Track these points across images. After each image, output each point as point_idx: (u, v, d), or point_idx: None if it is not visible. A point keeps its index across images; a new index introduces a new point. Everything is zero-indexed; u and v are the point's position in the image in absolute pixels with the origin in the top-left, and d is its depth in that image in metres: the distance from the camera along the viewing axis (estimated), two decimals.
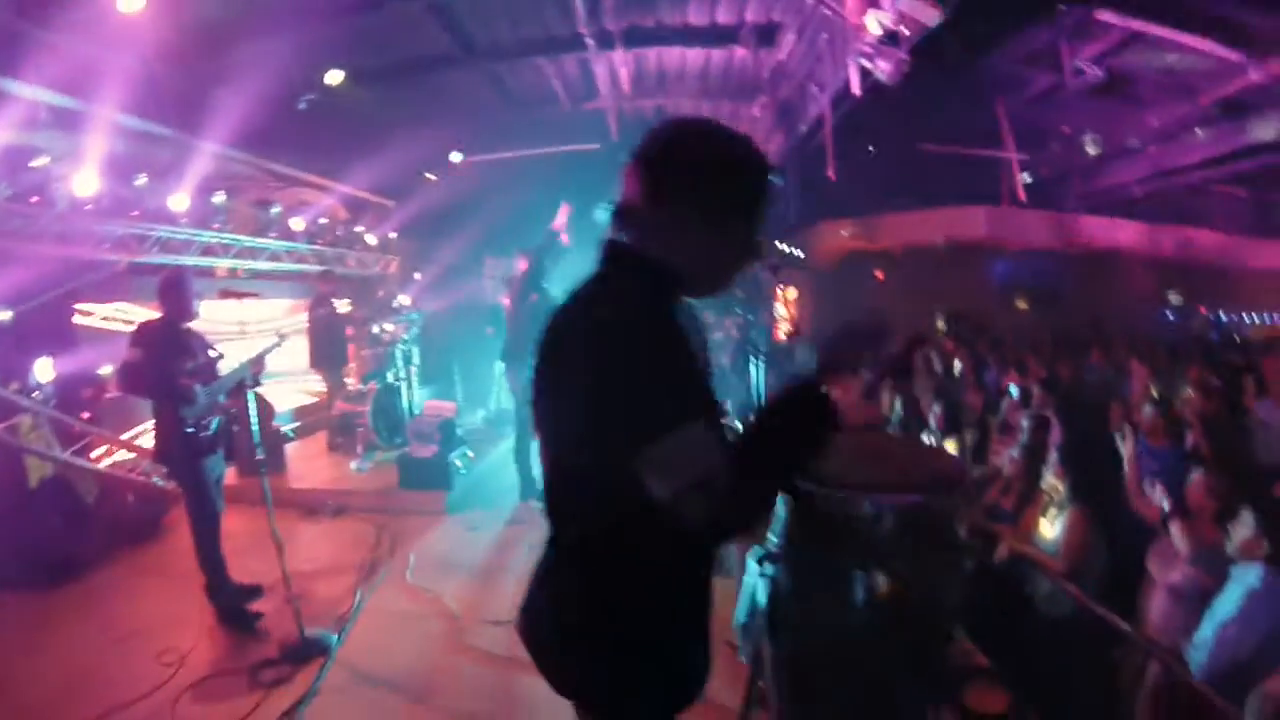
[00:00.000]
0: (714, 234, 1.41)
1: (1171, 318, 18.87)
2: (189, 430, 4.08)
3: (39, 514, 5.28)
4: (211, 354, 4.41)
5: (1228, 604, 2.94)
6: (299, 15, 7.02)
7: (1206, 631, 2.95)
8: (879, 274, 16.84)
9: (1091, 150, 12.31)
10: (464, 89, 9.79)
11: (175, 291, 4.22)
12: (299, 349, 8.34)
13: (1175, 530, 3.42)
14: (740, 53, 9.00)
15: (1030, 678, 3.35)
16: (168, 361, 4.03)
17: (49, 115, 5.93)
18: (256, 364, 4.33)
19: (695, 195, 1.37)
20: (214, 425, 4.26)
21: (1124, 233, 15.93)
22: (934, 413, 5.80)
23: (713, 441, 1.25)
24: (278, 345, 4.67)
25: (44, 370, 5.77)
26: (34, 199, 5.76)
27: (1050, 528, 4.04)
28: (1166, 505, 3.49)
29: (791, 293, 17.51)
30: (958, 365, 8.82)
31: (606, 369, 1.27)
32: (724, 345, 7.99)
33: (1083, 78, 7.84)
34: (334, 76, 7.95)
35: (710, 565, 1.56)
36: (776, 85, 9.56)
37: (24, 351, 5.75)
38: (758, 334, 6.58)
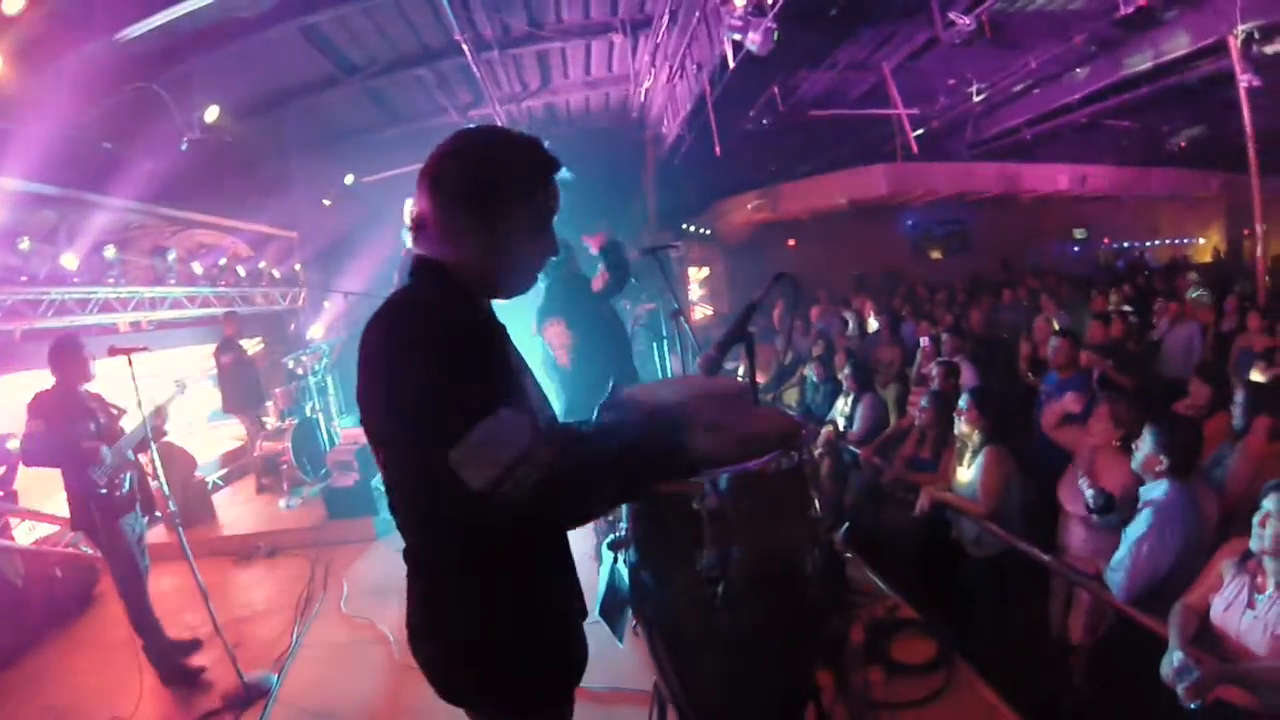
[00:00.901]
0: (499, 233, 1.45)
1: (1077, 252, 19.70)
2: (101, 492, 3.97)
3: None
4: (113, 412, 4.29)
5: (1140, 523, 3.03)
6: (168, 52, 6.79)
7: (1123, 552, 3.04)
8: (790, 242, 17.16)
9: (977, 99, 12.67)
10: (348, 109, 9.64)
11: (66, 355, 4.09)
12: (215, 395, 8.13)
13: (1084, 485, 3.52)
14: (618, 39, 9.03)
15: (961, 622, 3.46)
16: (68, 427, 3.92)
17: None
18: (159, 415, 4.26)
19: (472, 198, 1.42)
20: (126, 483, 4.14)
21: (1021, 175, 16.45)
22: (844, 373, 5.92)
23: (522, 424, 1.28)
24: (179, 394, 4.59)
25: None
26: None
27: (966, 472, 4.15)
28: (1089, 496, 3.50)
29: (704, 271, 17.74)
30: (874, 323, 9.04)
31: (405, 375, 1.30)
32: (635, 333, 8.08)
33: (954, 29, 8.03)
34: (211, 113, 7.71)
35: (559, 553, 1.59)
36: (658, 67, 9.61)
37: None
38: (660, 319, 6.68)
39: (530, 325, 4.41)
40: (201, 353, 8.84)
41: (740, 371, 5.14)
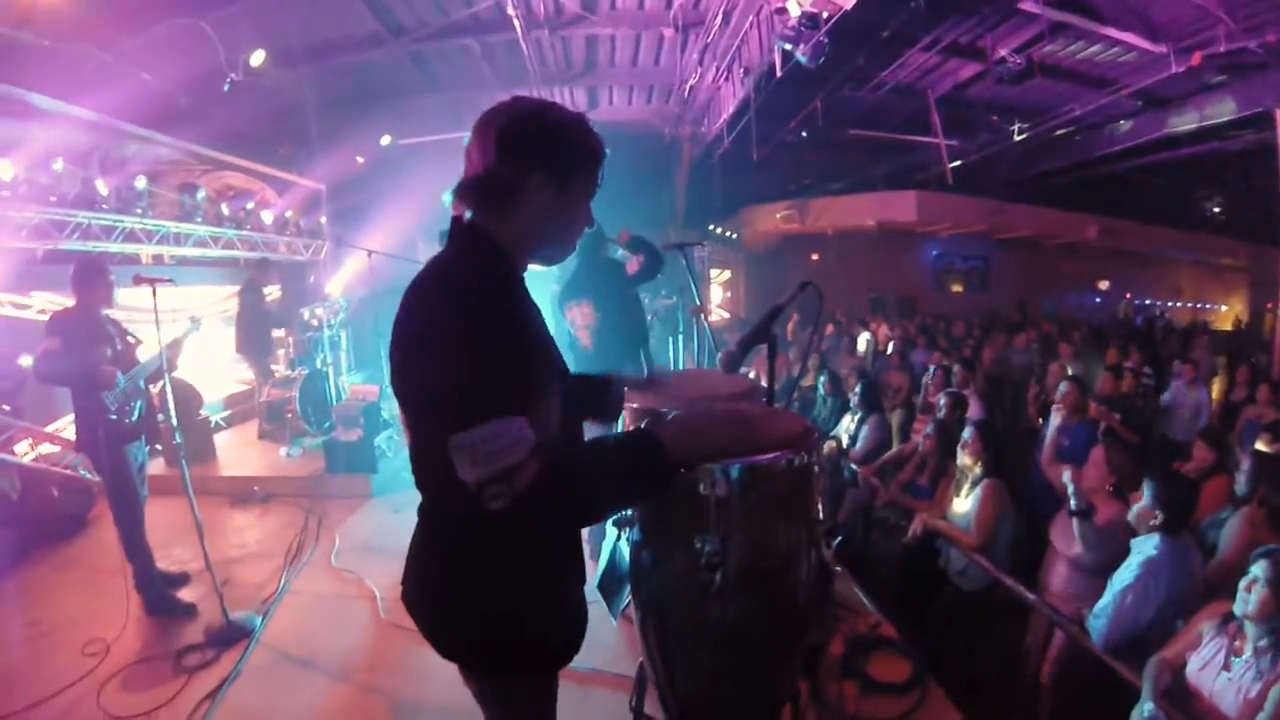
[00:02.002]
0: (554, 200, 1.48)
1: (1097, 303, 19.66)
2: (111, 417, 4.02)
3: None
4: (130, 340, 4.32)
5: (1127, 573, 3.06)
6: None
7: (1106, 599, 3.07)
8: (814, 256, 17.17)
9: (1018, 137, 12.67)
10: (391, 71, 9.68)
11: (91, 277, 4.11)
12: (227, 337, 8.16)
13: (1075, 525, 3.56)
14: (669, 34, 9.04)
15: (941, 648, 3.50)
16: (86, 348, 3.95)
17: None
18: (174, 349, 4.29)
19: (537, 163, 1.44)
20: (135, 412, 4.19)
21: (1052, 219, 16.41)
22: (854, 392, 5.98)
23: (523, 437, 1.27)
24: (194, 330, 4.60)
25: None
26: None
27: (962, 503, 4.19)
28: (1074, 502, 3.58)
29: (724, 274, 17.77)
30: (889, 346, 9.07)
31: (434, 350, 1.32)
32: (651, 326, 8.14)
33: (1005, 65, 8.06)
34: (257, 58, 7.76)
35: (559, 548, 1.61)
36: (704, 67, 9.62)
37: None
38: (677, 314, 6.71)
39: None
40: (218, 293, 8.92)
41: (751, 374, 5.20)
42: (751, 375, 4.66)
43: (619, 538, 1.94)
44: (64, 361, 3.89)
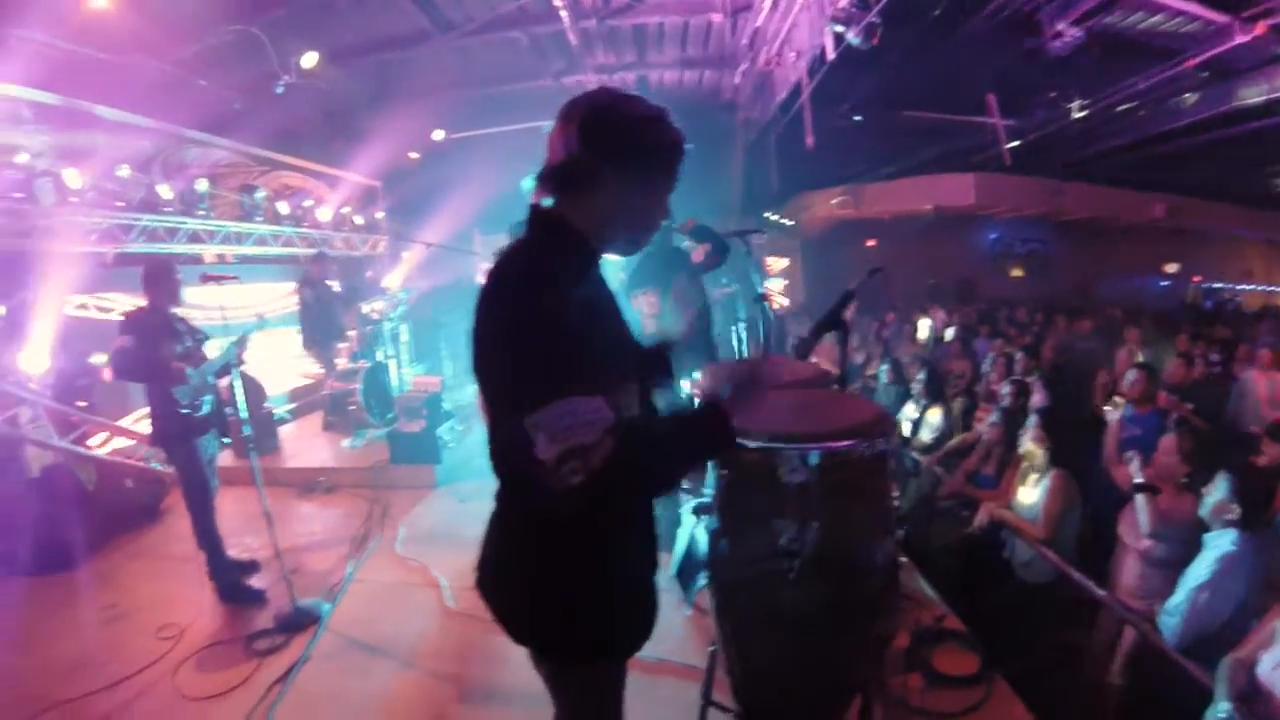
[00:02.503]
0: (635, 191, 1.51)
1: (1164, 286, 18.96)
2: (183, 411, 4.15)
3: (40, 502, 5.32)
4: (199, 337, 4.46)
5: (1201, 569, 2.97)
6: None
7: (1180, 597, 2.99)
8: (870, 242, 16.89)
9: (1078, 115, 12.26)
10: (442, 66, 9.76)
11: (160, 278, 4.24)
12: (293, 331, 8.39)
13: (1140, 504, 3.47)
14: (717, 19, 8.95)
15: (1005, 641, 3.42)
16: (158, 345, 4.10)
17: (30, 112, 5.99)
18: (241, 345, 4.37)
19: (620, 154, 1.46)
20: (206, 406, 4.32)
21: (1115, 199, 15.86)
22: (918, 380, 5.88)
23: (601, 414, 1.29)
24: (259, 328, 4.71)
25: (40, 361, 5.82)
26: (19, 195, 5.80)
27: (1028, 493, 4.09)
28: (1138, 478, 3.52)
29: (783, 262, 17.58)
30: (948, 333, 8.89)
31: (513, 332, 1.36)
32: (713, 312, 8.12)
33: (1061, 40, 7.78)
34: (309, 59, 7.91)
35: (641, 510, 1.63)
36: (755, 52, 9.51)
37: (19, 344, 5.79)
38: (736, 303, 6.67)
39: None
40: (279, 290, 9.15)
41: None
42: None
43: (696, 525, 1.94)
44: (136, 358, 4.03)
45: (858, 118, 12.26)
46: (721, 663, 2.02)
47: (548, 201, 1.52)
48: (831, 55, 6.88)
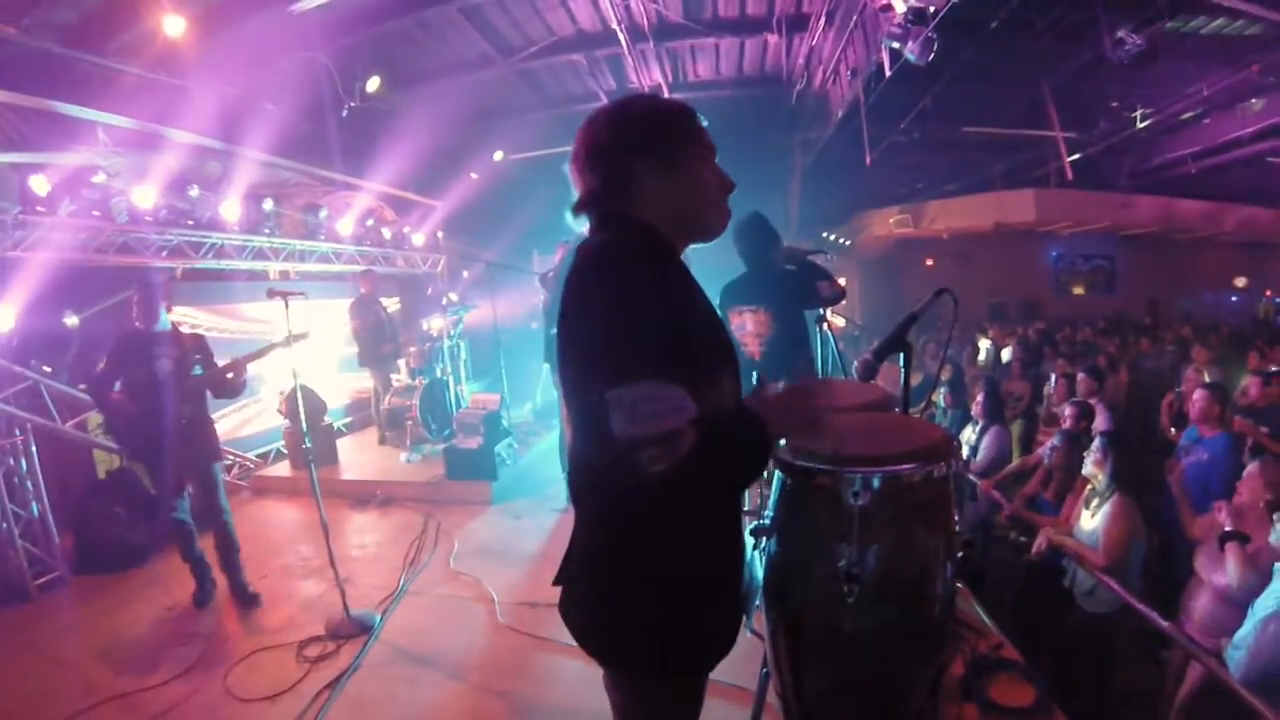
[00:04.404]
0: (670, 178, 1.51)
1: (1234, 301, 18.23)
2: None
3: (106, 503, 5.60)
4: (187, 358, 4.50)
5: (1270, 600, 2.85)
6: (335, 26, 7.23)
7: (1247, 628, 2.87)
8: (928, 261, 16.62)
9: (1141, 124, 11.91)
10: (501, 89, 9.96)
11: (140, 296, 4.43)
12: (347, 346, 8.63)
13: (1230, 554, 3.31)
14: (773, 40, 8.95)
15: (1063, 673, 3.31)
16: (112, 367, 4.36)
17: (106, 136, 6.28)
18: (234, 367, 4.43)
19: (636, 150, 1.49)
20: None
21: (1181, 211, 15.34)
22: (976, 400, 5.76)
23: (684, 406, 1.29)
24: (276, 346, 4.55)
25: None
26: (96, 214, 6.10)
27: (1090, 519, 3.97)
28: (1227, 526, 3.37)
29: (840, 281, 17.37)
30: (1006, 353, 8.70)
31: (595, 318, 1.36)
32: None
33: (1123, 48, 7.55)
34: (372, 84, 8.15)
35: (730, 523, 1.61)
36: (811, 71, 9.48)
37: (93, 354, 6.06)
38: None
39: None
40: (343, 306, 9.41)
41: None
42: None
43: (755, 547, 1.94)
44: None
45: (915, 134, 12.08)
46: (773, 686, 2.00)
47: (595, 218, 1.55)
48: (888, 72, 6.83)
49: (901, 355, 2.26)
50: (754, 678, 2.48)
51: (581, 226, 1.58)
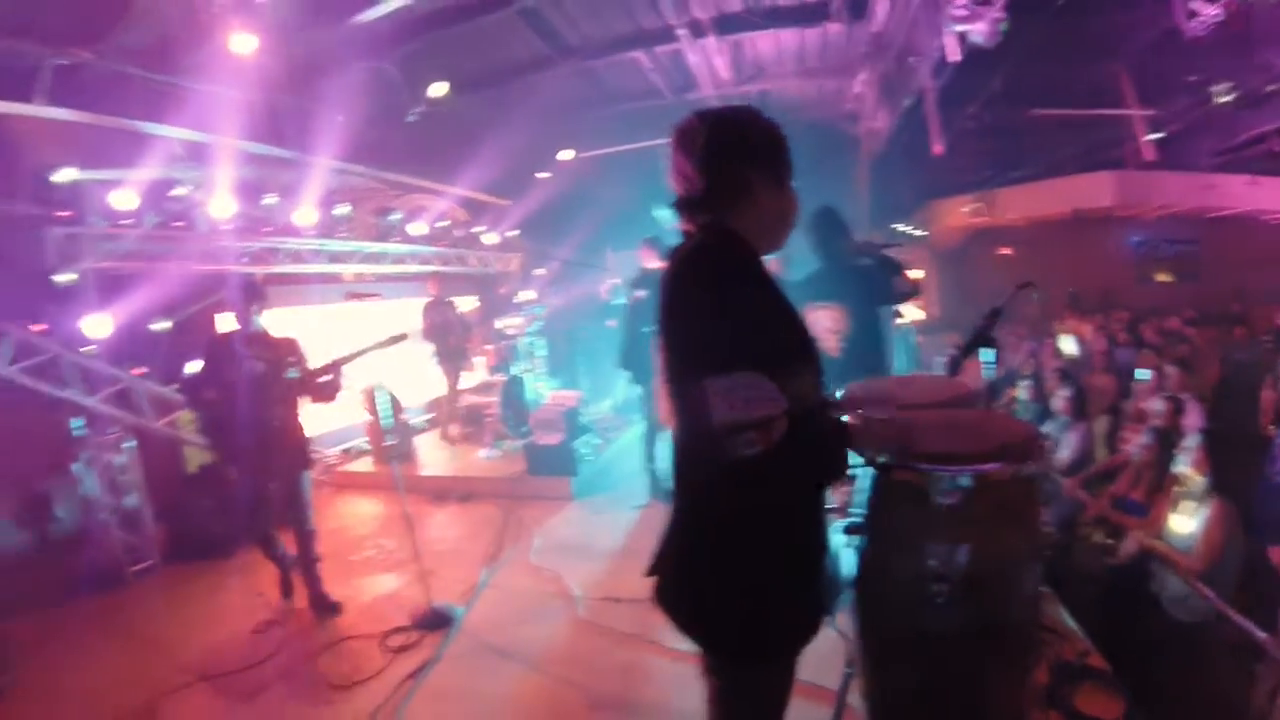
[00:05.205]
0: (772, 193, 1.65)
1: None
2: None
3: (195, 497, 6.00)
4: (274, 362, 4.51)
5: None
6: (397, 34, 7.41)
7: None
8: (1003, 251, 16.10)
9: (1223, 100, 11.31)
10: (564, 88, 9.98)
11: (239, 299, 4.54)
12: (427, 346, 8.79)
13: None
14: (834, 28, 8.78)
15: (1152, 684, 3.20)
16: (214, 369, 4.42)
17: (184, 150, 6.63)
18: (329, 368, 4.50)
19: (750, 164, 1.63)
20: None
21: (1270, 192, 14.53)
22: (1060, 396, 5.58)
23: (777, 399, 1.40)
24: (373, 348, 4.54)
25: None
26: (178, 224, 6.48)
27: (1183, 522, 3.81)
28: None
29: (915, 274, 16.97)
30: (1091, 346, 8.38)
31: (697, 313, 1.51)
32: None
33: (1198, 19, 7.16)
34: (437, 89, 8.31)
35: (815, 513, 1.69)
36: (876, 59, 9.27)
37: (181, 356, 6.37)
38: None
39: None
40: (417, 306, 9.67)
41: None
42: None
43: (845, 544, 1.95)
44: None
45: (986, 119, 11.71)
46: (855, 686, 2.00)
47: (694, 223, 1.66)
48: (954, 56, 6.64)
49: (987, 350, 2.25)
50: (835, 677, 2.47)
51: (666, 221, 1.73)
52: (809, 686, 2.91)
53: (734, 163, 1.60)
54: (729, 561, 1.59)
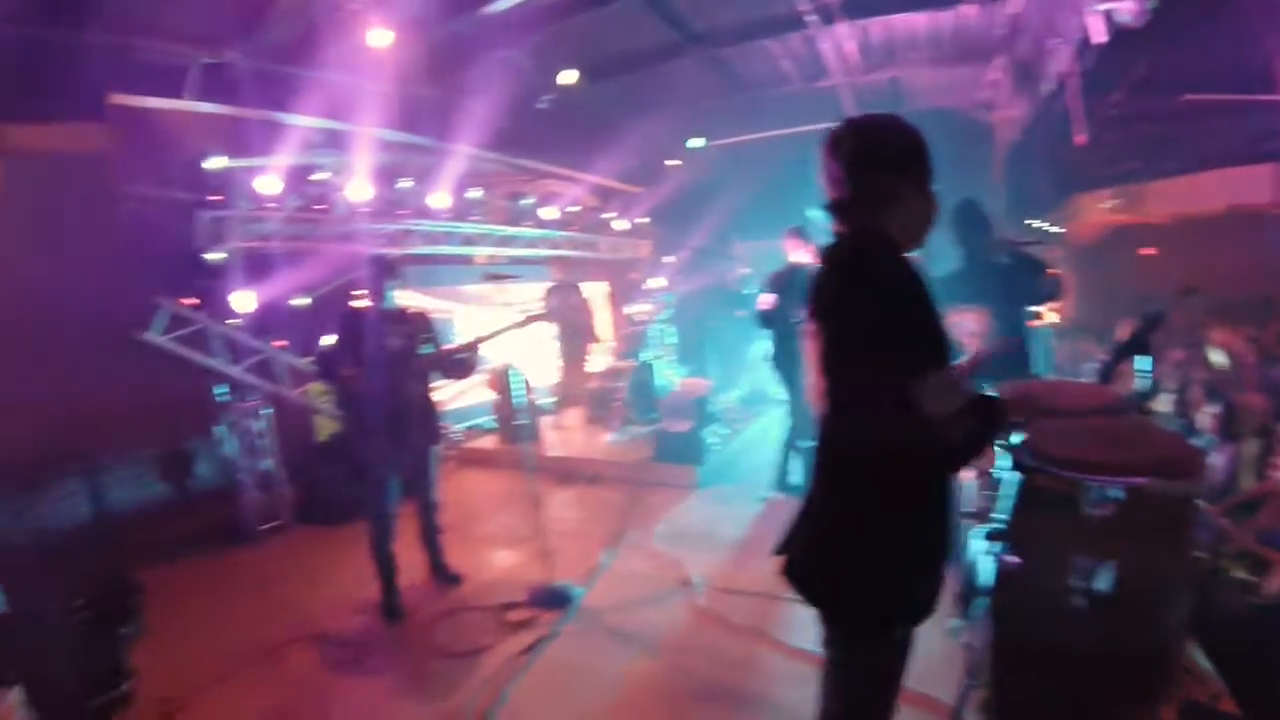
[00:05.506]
0: (918, 193, 1.77)
1: None
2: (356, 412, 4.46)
3: (326, 465, 6.44)
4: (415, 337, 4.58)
5: None
6: (528, 23, 7.62)
7: None
8: (1148, 251, 15.05)
9: None
10: (693, 76, 9.96)
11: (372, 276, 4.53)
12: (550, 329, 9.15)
13: None
14: (968, 10, 8.43)
15: None
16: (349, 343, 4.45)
17: (324, 137, 7.12)
18: (465, 347, 4.55)
19: (910, 175, 1.75)
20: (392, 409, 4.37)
21: None
22: (1206, 414, 5.26)
23: (962, 384, 1.61)
24: (512, 327, 4.61)
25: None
26: (318, 207, 7.00)
27: None
28: None
29: (1058, 274, 16.08)
30: (1243, 359, 7.79)
31: (897, 314, 1.62)
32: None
33: None
34: (568, 76, 8.48)
35: (947, 497, 1.79)
36: (1013, 42, 8.85)
37: (318, 331, 6.83)
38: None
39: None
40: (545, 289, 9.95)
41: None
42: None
43: (984, 550, 1.96)
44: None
45: (1131, 107, 10.95)
46: (972, 700, 1.99)
47: (845, 224, 1.79)
48: (1100, 38, 6.26)
49: (1142, 357, 2.19)
50: (950, 689, 2.47)
51: (818, 221, 1.86)
52: (923, 697, 2.89)
53: (881, 169, 1.72)
54: (866, 537, 1.72)
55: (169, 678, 3.82)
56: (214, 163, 6.05)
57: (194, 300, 6.03)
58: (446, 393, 8.31)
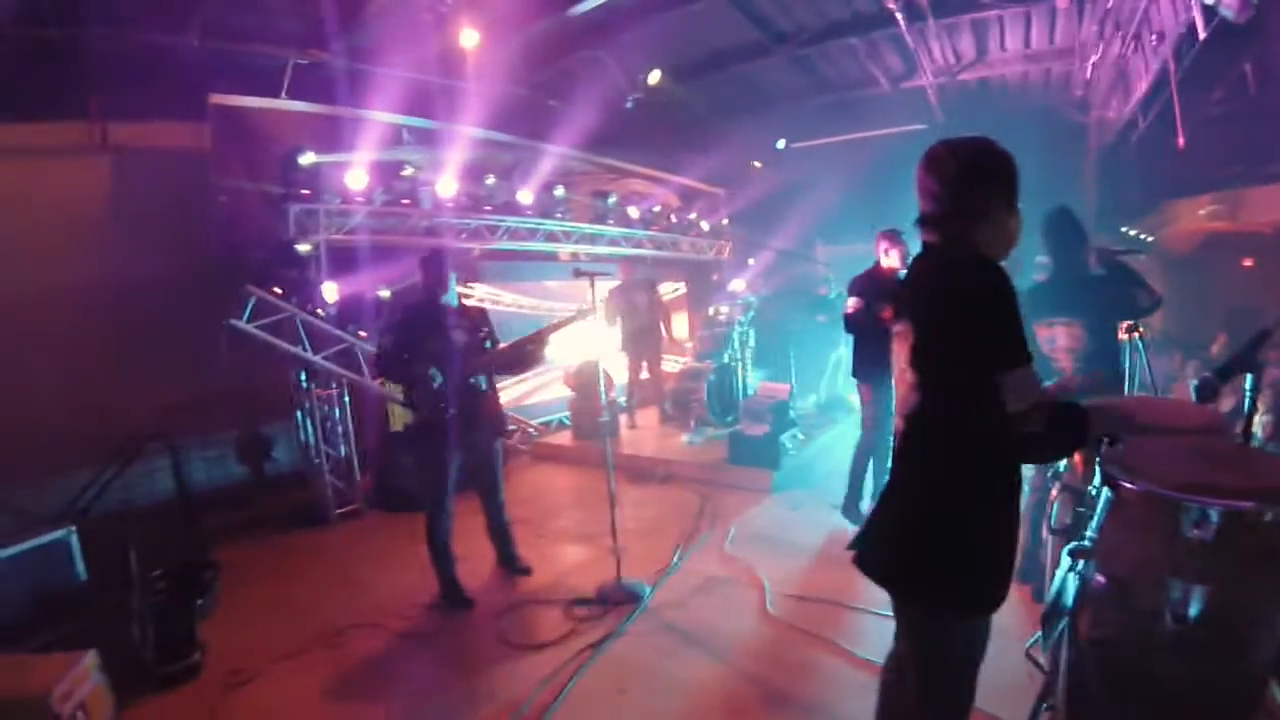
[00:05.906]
0: (1008, 212, 1.91)
1: None
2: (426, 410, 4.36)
3: (398, 452, 6.58)
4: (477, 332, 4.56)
5: None
6: (614, 23, 7.75)
7: None
8: (1246, 261, 14.18)
9: None
10: (778, 77, 9.94)
11: (431, 267, 4.47)
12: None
13: None
14: (1062, 4, 8.12)
15: None
16: (412, 340, 4.37)
17: (410, 135, 7.43)
18: (534, 340, 4.48)
19: (991, 192, 1.89)
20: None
21: None
22: (1262, 422, 5.01)
23: (1040, 381, 1.70)
24: (572, 320, 4.53)
25: None
26: (405, 202, 7.25)
27: None
28: None
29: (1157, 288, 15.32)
30: None
31: (994, 314, 1.75)
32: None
33: None
34: (654, 76, 8.55)
35: (1018, 493, 1.90)
36: (1108, 38, 8.48)
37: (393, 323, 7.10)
38: None
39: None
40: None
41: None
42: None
43: (1071, 568, 1.90)
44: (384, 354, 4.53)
45: (1233, 107, 10.33)
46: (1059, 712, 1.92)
47: (935, 238, 1.95)
48: (1202, 33, 5.94)
49: (1250, 376, 2.10)
50: (1018, 710, 2.39)
51: (906, 223, 2.03)
52: (988, 716, 2.79)
53: (976, 189, 1.88)
54: (946, 525, 1.85)
55: (237, 652, 3.96)
56: (306, 158, 6.31)
57: (280, 290, 6.26)
58: (521, 388, 8.55)
